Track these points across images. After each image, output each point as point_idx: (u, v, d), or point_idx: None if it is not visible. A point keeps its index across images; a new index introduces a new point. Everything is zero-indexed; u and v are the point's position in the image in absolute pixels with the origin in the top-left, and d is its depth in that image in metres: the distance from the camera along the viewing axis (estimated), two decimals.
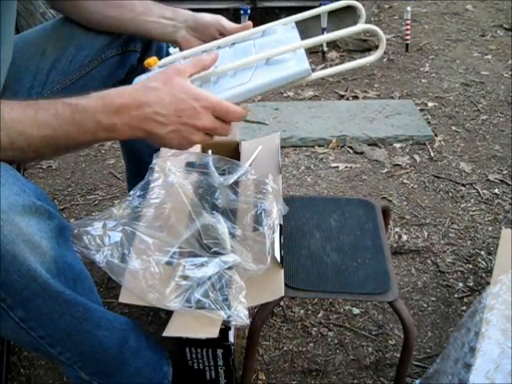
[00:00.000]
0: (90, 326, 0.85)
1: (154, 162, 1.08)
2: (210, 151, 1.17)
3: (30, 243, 0.74)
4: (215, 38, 1.09)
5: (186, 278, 0.89)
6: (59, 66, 1.11)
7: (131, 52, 1.16)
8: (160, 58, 1.20)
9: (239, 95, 0.88)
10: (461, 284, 1.39)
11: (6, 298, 0.75)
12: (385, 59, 2.68)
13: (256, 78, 0.89)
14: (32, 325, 0.80)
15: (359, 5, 1.03)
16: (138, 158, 1.28)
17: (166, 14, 1.10)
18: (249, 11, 2.60)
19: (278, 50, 0.91)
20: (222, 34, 1.09)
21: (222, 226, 0.99)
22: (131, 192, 1.03)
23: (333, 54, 2.70)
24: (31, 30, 1.17)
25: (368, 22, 3.16)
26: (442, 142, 1.99)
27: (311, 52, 2.74)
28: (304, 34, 1.06)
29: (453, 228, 1.58)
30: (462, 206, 1.67)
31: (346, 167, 1.86)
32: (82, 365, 0.89)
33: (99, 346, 0.88)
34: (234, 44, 1.05)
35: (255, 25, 1.08)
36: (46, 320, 0.80)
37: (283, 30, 1.06)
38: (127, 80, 1.19)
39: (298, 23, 1.09)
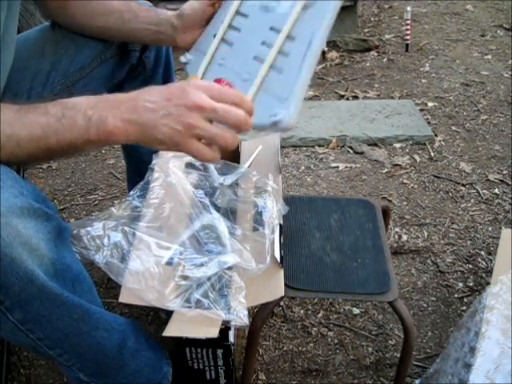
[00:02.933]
0: (88, 328, 0.85)
1: (153, 162, 1.08)
2: None
3: (27, 246, 0.73)
4: (210, 15, 1.04)
5: (185, 278, 0.89)
6: (59, 67, 1.11)
7: (131, 51, 1.16)
8: (159, 56, 1.20)
9: (316, 53, 0.88)
10: (461, 284, 1.39)
11: (3, 301, 0.75)
12: (385, 59, 2.68)
13: (314, 31, 0.87)
14: (30, 327, 0.80)
15: None
16: (139, 158, 1.28)
17: (152, 19, 1.07)
18: None
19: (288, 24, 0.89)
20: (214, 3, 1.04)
21: (222, 225, 0.99)
22: (131, 192, 1.03)
23: (333, 54, 2.71)
24: (30, 31, 1.17)
25: (368, 21, 3.16)
26: (442, 142, 1.99)
27: None
28: None
29: (453, 228, 1.58)
30: (462, 206, 1.67)
31: (346, 167, 1.86)
32: (81, 366, 0.89)
33: (98, 348, 0.88)
34: (240, 11, 1.00)
35: None
36: (45, 322, 0.80)
37: None
38: (127, 79, 1.19)
39: None
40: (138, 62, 1.18)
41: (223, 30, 1.00)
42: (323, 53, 2.68)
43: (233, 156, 1.21)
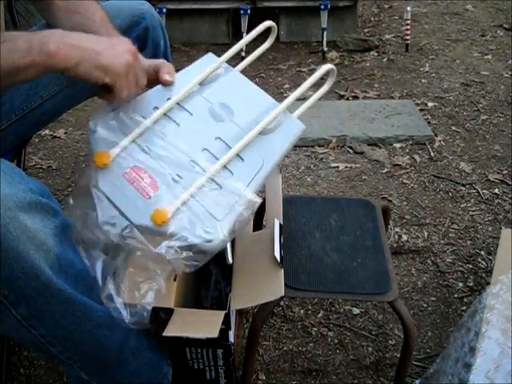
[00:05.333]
0: (90, 326, 0.86)
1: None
2: None
3: (35, 240, 0.74)
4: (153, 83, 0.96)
5: None
6: None
7: None
8: (156, 55, 1.18)
9: (264, 180, 0.86)
10: (461, 284, 1.39)
11: (8, 295, 0.76)
12: (385, 59, 2.68)
13: (266, 157, 0.87)
14: (33, 323, 0.80)
15: (274, 24, 1.01)
16: None
17: None
18: (249, 11, 2.60)
19: (267, 119, 0.89)
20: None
21: None
22: None
23: (333, 54, 2.70)
24: (28, 31, 1.16)
25: (368, 21, 3.16)
26: (442, 142, 1.99)
27: (311, 52, 2.75)
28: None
29: (453, 228, 1.58)
30: (461, 206, 1.67)
31: (346, 167, 1.86)
32: (82, 364, 0.89)
33: (99, 346, 0.88)
34: (182, 106, 0.93)
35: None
36: (48, 318, 0.81)
37: (224, 75, 0.97)
38: None
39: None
40: None
41: (157, 116, 0.90)
42: (323, 53, 2.68)
43: None
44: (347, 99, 2.33)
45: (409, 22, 2.68)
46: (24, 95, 1.09)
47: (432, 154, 1.92)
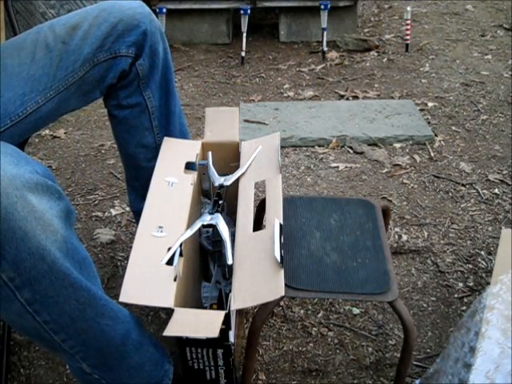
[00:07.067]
0: (93, 313, 0.86)
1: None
2: (210, 152, 1.18)
3: (41, 221, 0.75)
4: None
5: None
6: (51, 71, 1.08)
7: (123, 57, 1.12)
8: (154, 64, 1.16)
9: None
10: (461, 284, 1.39)
11: (14, 278, 0.76)
12: (385, 59, 2.68)
13: None
14: (37, 308, 0.80)
15: None
16: (136, 164, 1.27)
17: None
18: (249, 11, 2.60)
19: None
20: None
21: (223, 225, 0.99)
22: None
23: (333, 54, 2.70)
24: (22, 34, 1.15)
25: (368, 21, 3.16)
26: (442, 142, 1.99)
27: (311, 52, 2.75)
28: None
29: (453, 228, 1.58)
30: (462, 206, 1.67)
31: (346, 167, 1.86)
32: (84, 355, 0.89)
33: (102, 335, 0.88)
34: None
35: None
36: (52, 303, 0.81)
37: None
38: (121, 86, 1.17)
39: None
40: (131, 68, 1.15)
41: None
42: (323, 53, 2.68)
43: (233, 156, 1.21)
44: (347, 99, 2.33)
45: (409, 21, 2.68)
46: (19, 100, 1.08)
47: (432, 153, 1.92)
